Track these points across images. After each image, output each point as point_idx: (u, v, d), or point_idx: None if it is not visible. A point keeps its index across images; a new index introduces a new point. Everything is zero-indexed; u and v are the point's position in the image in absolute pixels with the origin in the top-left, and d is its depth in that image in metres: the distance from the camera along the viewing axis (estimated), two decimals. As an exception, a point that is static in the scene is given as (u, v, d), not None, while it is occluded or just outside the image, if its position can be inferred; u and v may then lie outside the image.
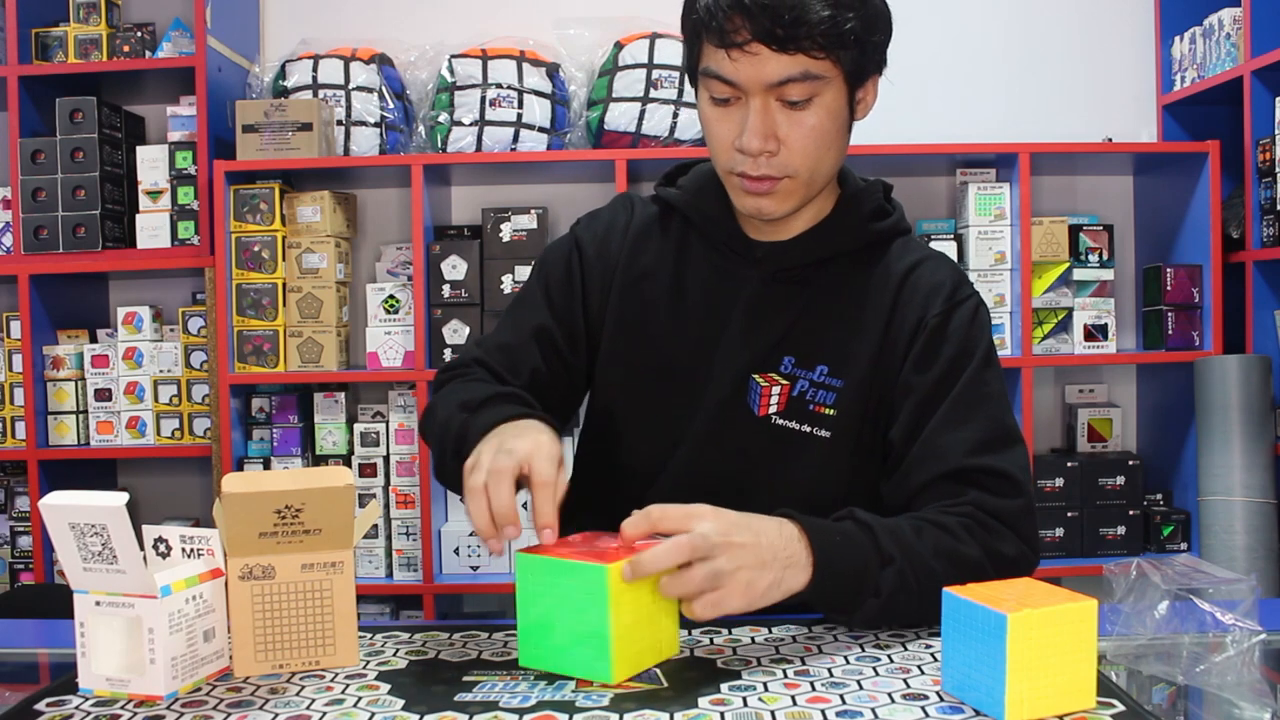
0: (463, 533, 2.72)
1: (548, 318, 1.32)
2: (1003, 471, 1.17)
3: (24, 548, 2.84)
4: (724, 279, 1.28)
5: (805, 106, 1.14)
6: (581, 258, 1.33)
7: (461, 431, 1.17)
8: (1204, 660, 0.93)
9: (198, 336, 2.82)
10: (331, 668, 1.02)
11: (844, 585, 1.04)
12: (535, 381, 1.30)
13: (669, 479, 1.27)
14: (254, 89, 2.82)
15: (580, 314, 1.32)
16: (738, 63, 1.12)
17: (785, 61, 1.11)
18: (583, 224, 1.38)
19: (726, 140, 1.18)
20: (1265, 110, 2.55)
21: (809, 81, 1.12)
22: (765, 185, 1.18)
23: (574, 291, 1.33)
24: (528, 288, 1.37)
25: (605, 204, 1.40)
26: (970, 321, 1.24)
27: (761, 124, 1.14)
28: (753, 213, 1.23)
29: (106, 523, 0.90)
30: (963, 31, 2.97)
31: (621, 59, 2.71)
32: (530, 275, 1.38)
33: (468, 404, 1.20)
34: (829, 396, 1.23)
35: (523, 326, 1.32)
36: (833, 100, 1.15)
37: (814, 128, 1.15)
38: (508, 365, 1.30)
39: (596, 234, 1.34)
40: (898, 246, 1.29)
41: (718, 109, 1.18)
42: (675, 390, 1.27)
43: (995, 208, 2.67)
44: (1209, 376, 2.53)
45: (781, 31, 1.09)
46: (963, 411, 1.19)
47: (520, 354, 1.31)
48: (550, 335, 1.31)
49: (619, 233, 1.33)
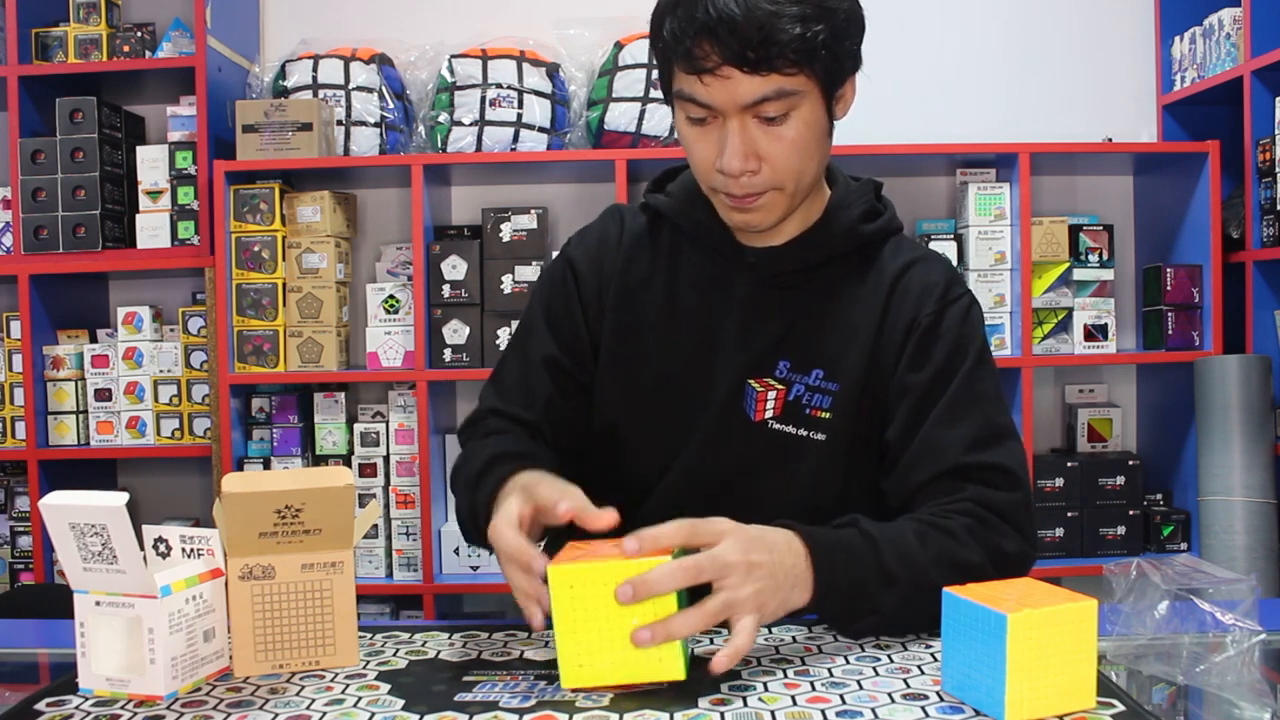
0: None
1: (553, 346, 1.32)
2: (1001, 466, 1.17)
3: (24, 548, 2.84)
4: (717, 285, 1.27)
5: (783, 121, 1.13)
6: (576, 277, 1.33)
7: (472, 512, 1.22)
8: (1204, 660, 0.93)
9: (198, 336, 2.82)
10: (331, 668, 1.02)
11: (844, 603, 1.04)
12: (551, 410, 1.31)
13: (667, 487, 1.27)
14: (254, 89, 2.82)
15: (584, 333, 1.32)
16: (710, 87, 1.11)
17: (758, 82, 1.10)
18: (573, 242, 1.37)
19: (708, 160, 1.17)
20: (1265, 110, 2.55)
21: (784, 98, 1.11)
22: (750, 201, 1.18)
23: (573, 312, 1.32)
24: (529, 317, 1.36)
25: (597, 214, 1.40)
26: (963, 320, 1.24)
27: (740, 144, 1.13)
28: (741, 226, 1.23)
29: (106, 523, 0.90)
30: (963, 31, 2.97)
31: (621, 59, 2.72)
32: (530, 302, 1.38)
33: (469, 481, 1.24)
34: (825, 400, 1.23)
35: (531, 359, 1.32)
36: (810, 111, 1.14)
37: (793, 141, 1.14)
38: (522, 403, 1.31)
39: (589, 250, 1.34)
40: (890, 247, 1.28)
41: (695, 129, 1.17)
42: (672, 398, 1.27)
43: (995, 208, 2.67)
44: (1209, 376, 2.53)
45: (752, 54, 1.08)
46: (958, 409, 1.19)
47: (532, 388, 1.31)
48: (558, 363, 1.31)
49: (611, 246, 1.33)
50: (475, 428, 1.35)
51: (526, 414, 1.30)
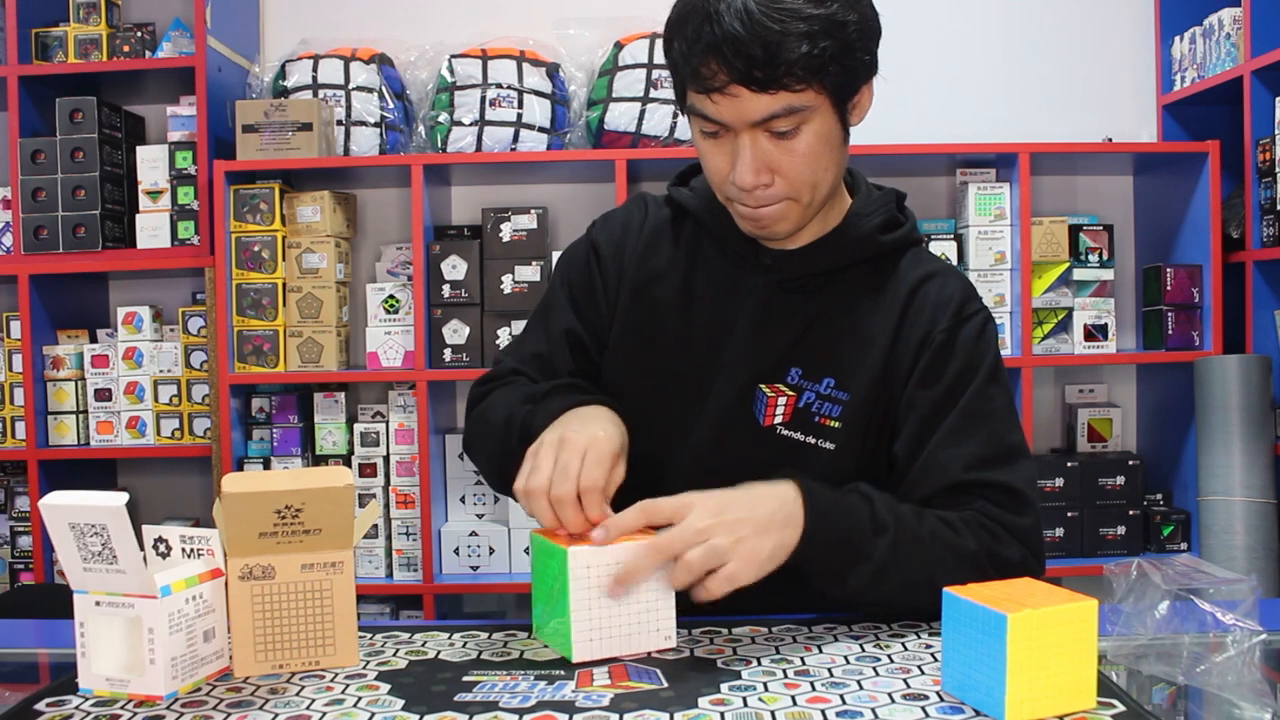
0: (463, 532, 2.72)
1: (574, 321, 1.33)
2: (1007, 486, 1.17)
3: (24, 548, 2.84)
4: (733, 285, 1.27)
5: (794, 135, 1.13)
6: (599, 259, 1.34)
7: (527, 421, 1.19)
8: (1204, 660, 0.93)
9: (198, 336, 2.82)
10: (331, 668, 1.02)
11: (835, 545, 1.06)
12: None
13: (671, 485, 1.26)
14: (254, 89, 2.82)
15: (604, 311, 1.33)
16: (719, 105, 1.11)
17: (767, 100, 1.09)
18: (598, 225, 1.38)
19: (722, 172, 1.17)
20: (1265, 110, 2.55)
21: (794, 114, 1.11)
22: (764, 212, 1.18)
23: (595, 294, 1.33)
24: (551, 293, 1.37)
25: (609, 203, 1.40)
26: (977, 337, 1.23)
27: (752, 159, 1.13)
28: (757, 234, 1.23)
29: (106, 523, 0.90)
30: (963, 31, 2.97)
31: (621, 59, 2.71)
32: (552, 280, 1.39)
33: (532, 396, 1.22)
34: (835, 409, 1.23)
35: (553, 332, 1.33)
36: (821, 124, 1.14)
37: (805, 154, 1.14)
38: (543, 372, 1.31)
39: (612, 235, 1.34)
40: (909, 258, 1.28)
41: (710, 141, 1.17)
42: (680, 396, 1.27)
43: (995, 208, 2.67)
44: (1209, 376, 2.53)
45: (759, 73, 1.08)
46: (967, 426, 1.19)
47: (554, 359, 1.32)
48: (579, 338, 1.32)
49: (634, 233, 1.33)
50: (501, 380, 1.34)
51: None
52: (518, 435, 1.20)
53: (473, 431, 1.33)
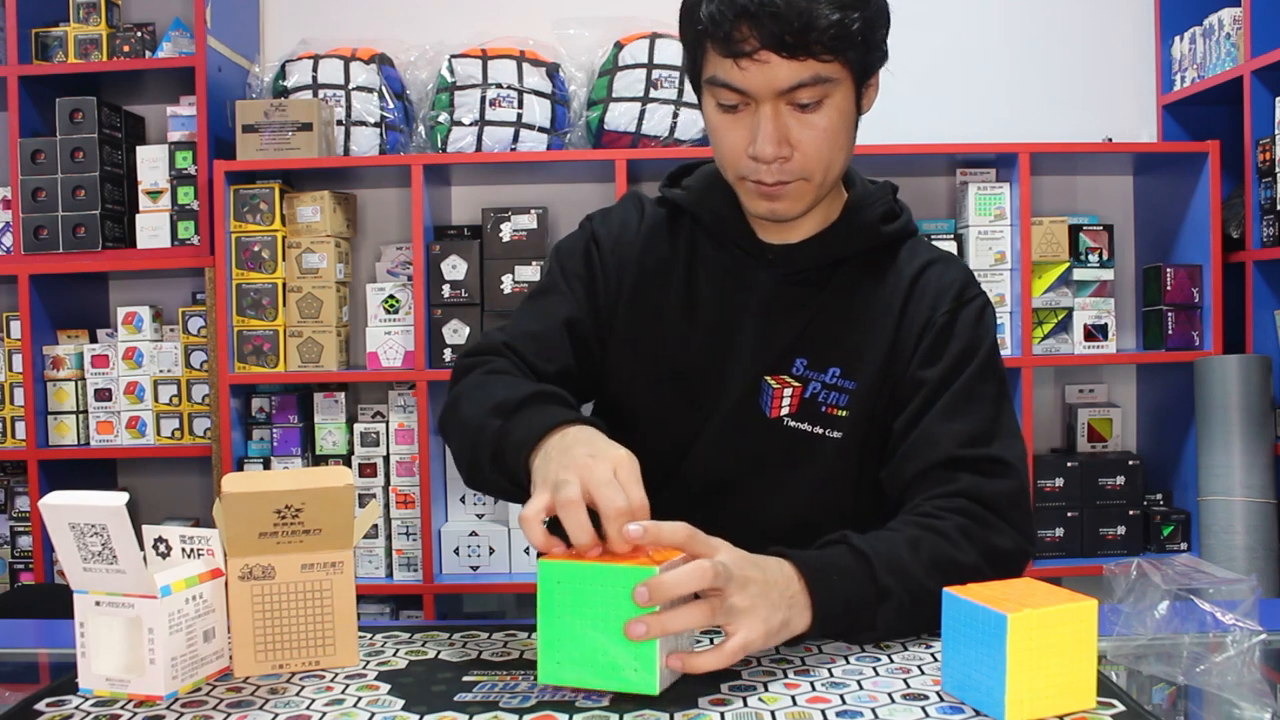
0: (463, 532, 2.72)
1: (574, 308, 1.29)
2: (995, 457, 1.17)
3: (24, 548, 2.84)
4: (736, 281, 1.27)
5: (816, 109, 1.13)
6: (599, 251, 1.32)
7: (498, 439, 1.10)
8: (1204, 660, 0.93)
9: (198, 336, 2.82)
10: (331, 668, 1.02)
11: (842, 624, 1.02)
12: (566, 374, 1.26)
13: (679, 481, 1.26)
14: (254, 89, 2.82)
15: (603, 304, 1.30)
16: (747, 71, 1.11)
17: (795, 67, 1.10)
18: (597, 219, 1.36)
19: (738, 148, 1.17)
20: (1265, 110, 2.55)
21: (820, 85, 1.12)
22: (778, 189, 1.18)
23: (594, 284, 1.31)
24: (549, 279, 1.33)
25: (609, 203, 1.40)
26: (977, 320, 1.25)
27: (774, 130, 1.13)
28: (767, 215, 1.22)
29: (106, 523, 0.90)
30: (963, 31, 2.97)
31: (621, 59, 2.72)
32: (548, 267, 1.35)
33: (501, 406, 1.12)
34: (841, 398, 1.23)
35: (551, 316, 1.29)
36: (842, 100, 1.15)
37: (826, 129, 1.15)
38: (539, 354, 1.26)
39: (611, 230, 1.33)
40: (907, 248, 1.30)
41: (726, 116, 1.16)
42: (686, 392, 1.27)
43: (995, 208, 2.67)
44: (1209, 376, 2.53)
45: (790, 38, 1.08)
46: (961, 405, 1.19)
47: (551, 344, 1.27)
48: (579, 327, 1.29)
49: (632, 231, 1.32)
50: (482, 358, 1.26)
51: (546, 366, 1.25)
52: (489, 454, 1.12)
53: (446, 418, 1.25)
